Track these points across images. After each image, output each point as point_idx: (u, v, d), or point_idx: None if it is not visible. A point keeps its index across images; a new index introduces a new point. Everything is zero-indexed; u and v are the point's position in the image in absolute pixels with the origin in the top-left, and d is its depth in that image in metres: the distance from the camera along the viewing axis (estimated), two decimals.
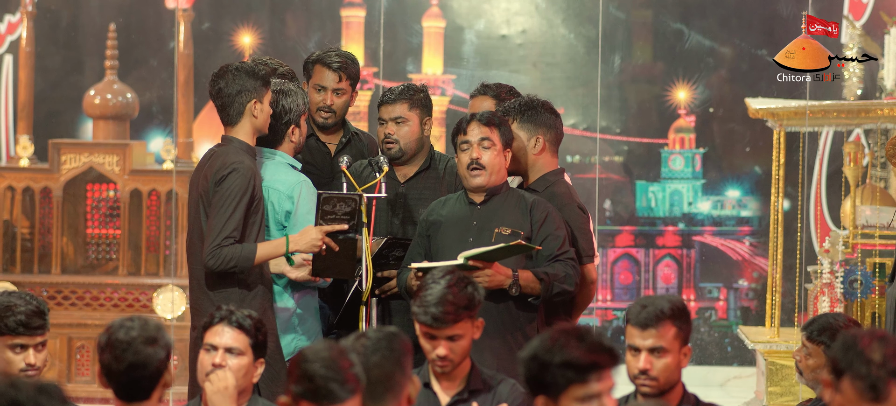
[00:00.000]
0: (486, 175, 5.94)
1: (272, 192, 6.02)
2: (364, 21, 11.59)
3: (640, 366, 4.54)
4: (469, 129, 5.95)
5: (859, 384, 3.79)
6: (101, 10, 11.48)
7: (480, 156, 5.93)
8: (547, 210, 5.97)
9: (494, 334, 5.76)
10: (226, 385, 4.89)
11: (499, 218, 5.96)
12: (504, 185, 6.03)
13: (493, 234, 5.93)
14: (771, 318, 10.14)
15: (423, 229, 6.07)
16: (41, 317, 5.04)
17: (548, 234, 5.93)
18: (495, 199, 5.99)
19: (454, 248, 5.91)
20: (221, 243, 5.77)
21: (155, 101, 11.49)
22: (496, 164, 5.95)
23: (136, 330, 4.21)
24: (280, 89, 6.09)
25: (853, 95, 10.57)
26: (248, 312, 5.02)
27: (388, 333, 4.10)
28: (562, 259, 5.92)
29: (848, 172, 9.95)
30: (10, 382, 3.26)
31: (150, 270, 10.45)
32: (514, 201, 6.00)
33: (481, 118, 5.96)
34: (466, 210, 6.01)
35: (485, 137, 5.93)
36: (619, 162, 11.72)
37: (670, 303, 4.59)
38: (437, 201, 6.16)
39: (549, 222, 5.94)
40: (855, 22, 10.96)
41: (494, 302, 5.78)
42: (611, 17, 11.52)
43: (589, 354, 3.68)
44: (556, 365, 3.67)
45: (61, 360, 10.22)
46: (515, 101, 6.30)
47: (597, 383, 3.69)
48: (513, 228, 5.93)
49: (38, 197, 10.45)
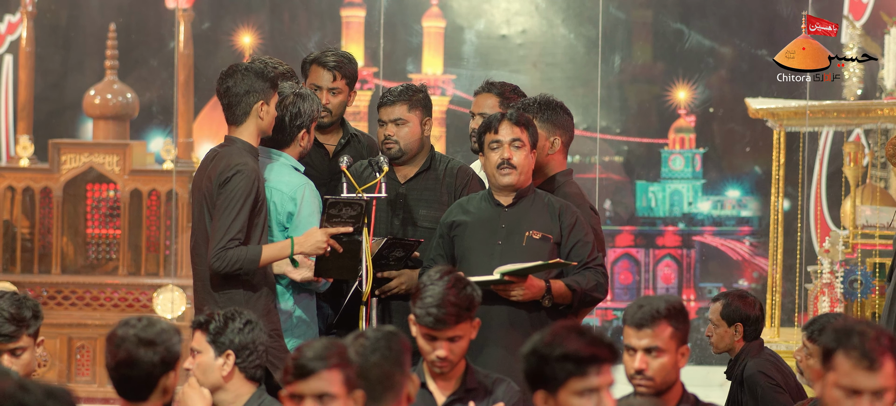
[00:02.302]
0: (517, 175, 5.90)
1: (275, 193, 6.02)
2: (364, 21, 11.59)
3: (636, 365, 4.54)
4: (501, 128, 5.89)
5: (854, 354, 3.84)
6: (101, 10, 11.48)
7: (512, 156, 5.87)
8: (576, 215, 5.94)
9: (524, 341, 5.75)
10: (188, 400, 4.92)
11: (528, 221, 5.92)
12: (531, 187, 6.00)
13: (524, 237, 5.88)
14: (771, 318, 10.14)
15: (446, 230, 6.02)
16: (14, 323, 4.99)
17: (577, 241, 5.90)
18: (523, 202, 5.95)
19: (482, 251, 5.89)
20: (227, 245, 5.76)
21: (155, 101, 11.49)
22: (526, 164, 5.91)
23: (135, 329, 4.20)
24: (298, 93, 6.08)
25: (853, 95, 10.57)
26: (212, 311, 5.05)
27: (387, 333, 4.10)
28: (592, 266, 5.90)
29: (848, 172, 9.95)
30: (19, 385, 3.26)
31: (150, 270, 10.45)
32: (542, 204, 5.96)
33: (512, 117, 5.90)
34: (493, 212, 5.96)
35: (516, 138, 5.87)
36: (619, 162, 11.72)
37: (667, 302, 4.59)
38: (458, 202, 6.12)
39: (578, 228, 5.91)
40: (855, 22, 10.96)
41: (527, 311, 5.75)
42: (611, 17, 11.52)
43: (588, 347, 3.71)
44: (555, 358, 3.70)
45: (61, 360, 10.22)
46: (534, 100, 6.29)
47: (596, 377, 3.71)
48: (543, 232, 5.90)
49: (38, 197, 10.45)
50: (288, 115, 6.06)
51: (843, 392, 3.86)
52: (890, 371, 3.84)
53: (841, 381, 3.86)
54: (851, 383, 3.85)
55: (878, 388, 3.85)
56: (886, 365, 3.85)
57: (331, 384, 3.76)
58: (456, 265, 5.97)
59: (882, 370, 3.85)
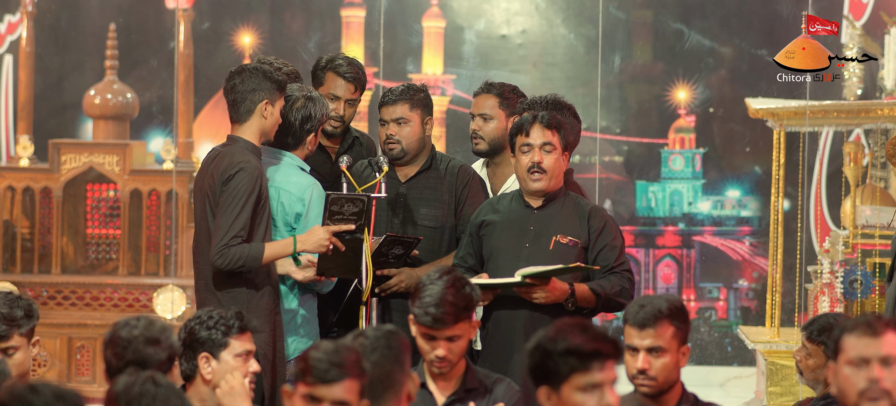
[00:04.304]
0: (547, 179, 5.88)
1: (283, 193, 6.01)
2: (364, 21, 11.59)
3: (639, 365, 4.55)
4: (531, 131, 5.86)
5: (858, 328, 4.01)
6: (101, 10, 11.48)
7: (542, 160, 5.86)
8: (605, 219, 5.93)
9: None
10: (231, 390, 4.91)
11: (556, 225, 5.91)
12: (561, 190, 5.97)
13: (552, 241, 5.88)
14: (771, 318, 10.14)
15: (475, 230, 6.01)
16: (6, 323, 4.96)
17: (605, 245, 5.89)
18: (553, 205, 5.94)
19: (509, 253, 5.88)
20: (229, 243, 5.76)
21: (155, 101, 11.49)
22: (556, 168, 5.89)
23: (140, 329, 4.22)
24: (308, 96, 6.07)
25: (853, 95, 10.57)
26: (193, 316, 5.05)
27: (387, 332, 4.11)
28: (618, 271, 5.90)
29: (848, 172, 9.95)
30: (29, 387, 3.29)
31: (150, 270, 10.45)
32: (571, 207, 5.94)
33: (543, 120, 5.87)
34: (523, 213, 5.95)
35: (547, 142, 5.85)
36: (619, 162, 11.72)
37: (668, 302, 4.60)
38: (487, 202, 6.11)
39: (606, 232, 5.90)
40: (855, 22, 10.96)
41: (550, 316, 5.71)
42: (611, 17, 11.52)
43: (591, 342, 3.74)
44: (558, 353, 3.73)
45: (61, 360, 10.22)
46: (542, 98, 6.29)
47: (599, 372, 3.73)
48: (570, 237, 5.88)
49: (38, 197, 10.45)
50: (299, 118, 6.04)
51: (853, 367, 3.99)
52: (895, 342, 3.96)
53: (849, 356, 3.99)
54: (859, 353, 3.99)
55: (885, 356, 3.97)
56: (889, 335, 4.00)
57: (349, 393, 3.77)
58: (484, 265, 5.97)
59: (885, 337, 3.99)
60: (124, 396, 3.53)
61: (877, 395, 3.95)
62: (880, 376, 3.96)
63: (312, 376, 3.78)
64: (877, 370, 3.96)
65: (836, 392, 4.05)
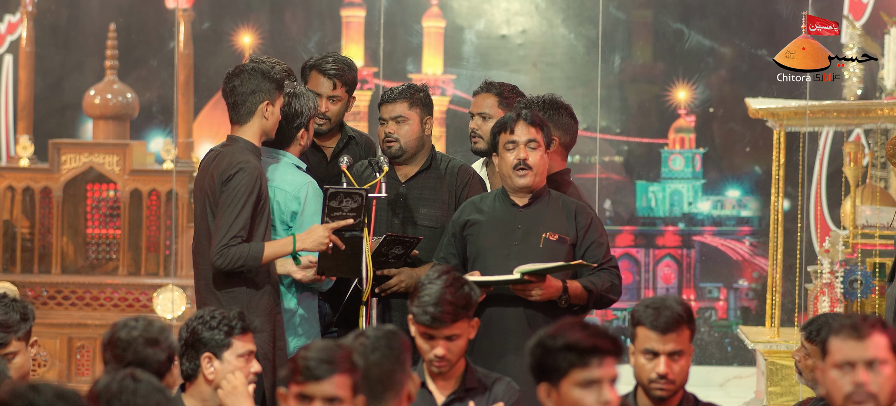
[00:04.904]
0: (533, 176, 5.89)
1: (278, 192, 6.02)
2: (364, 21, 11.59)
3: (661, 370, 4.53)
4: (516, 128, 5.88)
5: (843, 330, 3.98)
6: (101, 10, 11.48)
7: (527, 156, 5.87)
8: (591, 217, 5.95)
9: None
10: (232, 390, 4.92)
11: (544, 222, 5.92)
12: (545, 188, 5.99)
13: (541, 239, 5.88)
14: (771, 318, 10.14)
15: (458, 230, 6.01)
16: (2, 330, 4.92)
17: (592, 242, 5.91)
18: (539, 203, 5.95)
19: (497, 252, 5.88)
20: (229, 242, 5.77)
21: (155, 101, 11.49)
22: (542, 165, 5.91)
23: (139, 330, 4.22)
24: (292, 92, 6.08)
25: (853, 95, 10.57)
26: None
27: (387, 332, 4.10)
28: (606, 268, 5.91)
29: (848, 172, 9.95)
30: (30, 386, 3.30)
31: (150, 270, 10.45)
32: (558, 205, 5.96)
33: (527, 117, 5.89)
34: (509, 212, 5.95)
35: (532, 139, 5.87)
36: (619, 162, 11.72)
37: (682, 305, 4.61)
38: (469, 201, 6.11)
39: (593, 229, 5.92)
40: (855, 22, 10.96)
41: (544, 314, 5.74)
42: (611, 17, 11.52)
43: (591, 339, 3.75)
44: (558, 348, 3.73)
45: (61, 360, 10.22)
46: (540, 98, 6.30)
47: (598, 369, 3.74)
48: (559, 234, 5.90)
49: (38, 197, 10.45)
50: (285, 117, 6.06)
51: (839, 371, 3.96)
52: (881, 343, 3.95)
53: (835, 359, 3.96)
54: (844, 356, 3.97)
55: (870, 359, 3.95)
56: (875, 336, 3.98)
57: (341, 388, 3.76)
58: (468, 265, 5.97)
59: (871, 340, 3.97)
60: (105, 394, 3.53)
61: (862, 398, 3.94)
62: (865, 380, 3.93)
63: (302, 375, 3.78)
64: (862, 374, 3.94)
65: (823, 394, 4.04)
